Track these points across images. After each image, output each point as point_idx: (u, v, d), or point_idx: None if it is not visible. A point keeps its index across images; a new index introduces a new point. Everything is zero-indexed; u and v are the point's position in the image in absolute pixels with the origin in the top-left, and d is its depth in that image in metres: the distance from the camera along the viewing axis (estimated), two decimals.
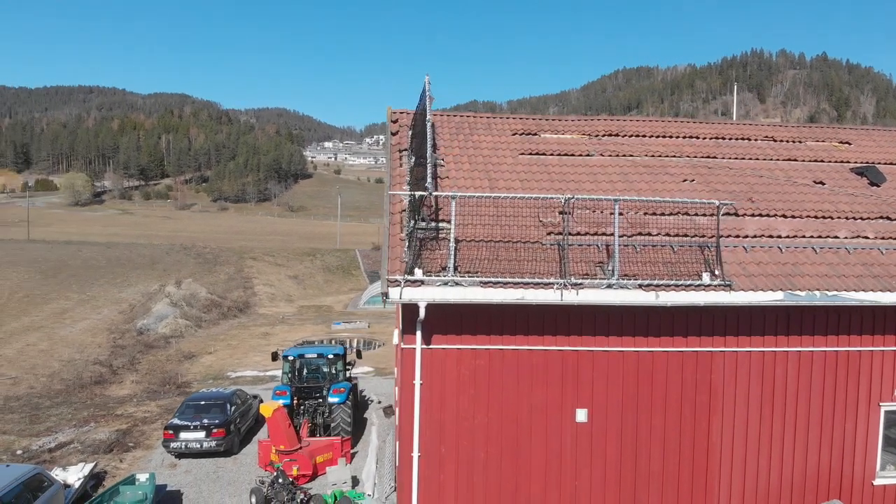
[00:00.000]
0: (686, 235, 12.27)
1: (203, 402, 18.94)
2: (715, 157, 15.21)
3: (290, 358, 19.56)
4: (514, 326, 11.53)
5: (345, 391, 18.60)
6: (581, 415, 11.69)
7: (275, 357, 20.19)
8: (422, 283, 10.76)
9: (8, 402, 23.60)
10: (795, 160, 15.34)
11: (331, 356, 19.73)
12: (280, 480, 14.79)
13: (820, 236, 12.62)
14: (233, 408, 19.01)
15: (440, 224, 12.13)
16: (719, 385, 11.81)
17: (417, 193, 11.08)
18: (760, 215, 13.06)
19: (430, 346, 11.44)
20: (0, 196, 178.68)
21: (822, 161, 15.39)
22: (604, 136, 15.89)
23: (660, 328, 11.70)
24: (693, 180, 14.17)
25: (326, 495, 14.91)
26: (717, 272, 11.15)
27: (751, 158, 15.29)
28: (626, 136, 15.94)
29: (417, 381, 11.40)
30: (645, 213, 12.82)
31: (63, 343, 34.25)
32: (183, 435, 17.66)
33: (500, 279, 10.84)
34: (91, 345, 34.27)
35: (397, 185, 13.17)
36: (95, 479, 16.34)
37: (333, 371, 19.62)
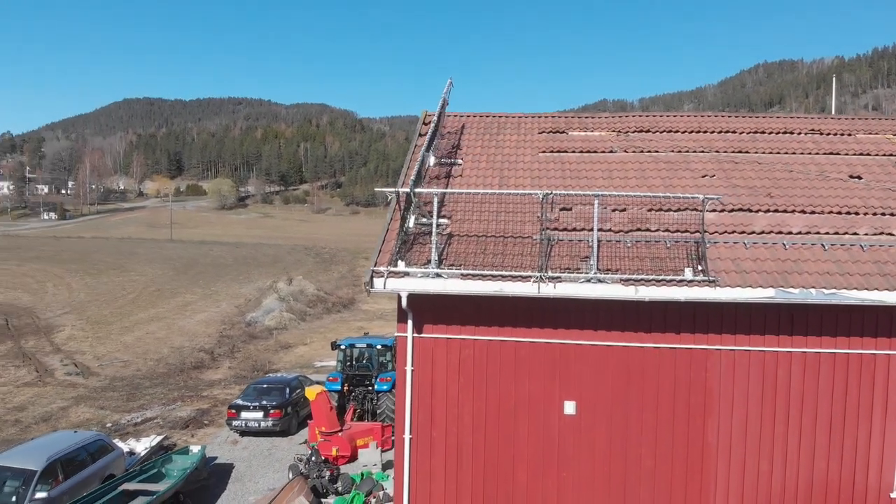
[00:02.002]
0: (687, 231, 12.13)
1: (265, 386, 20.56)
2: (747, 152, 14.76)
3: (343, 347, 20.84)
4: (501, 318, 11.89)
5: (391, 380, 19.52)
6: (569, 407, 11.86)
7: (333, 346, 21.53)
8: (406, 274, 11.41)
9: (113, 381, 26.58)
10: (837, 154, 14.55)
11: (380, 347, 20.79)
12: (313, 458, 15.94)
13: (837, 233, 12.03)
14: (293, 392, 20.47)
15: (441, 220, 12.77)
16: (715, 384, 11.57)
17: (401, 190, 11.73)
18: (775, 211, 12.62)
19: (422, 335, 12.06)
20: (154, 200, 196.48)
21: (867, 154, 14.48)
22: (634, 132, 15.82)
23: (651, 324, 11.64)
24: (714, 176, 13.87)
25: (355, 475, 15.89)
26: (699, 267, 10.99)
27: (787, 152, 14.69)
28: (657, 132, 15.78)
29: (409, 367, 12.05)
30: (649, 210, 12.77)
31: (178, 332, 37.75)
32: (244, 414, 19.30)
33: (478, 272, 11.28)
34: (202, 334, 37.52)
35: (409, 184, 13.86)
36: (164, 449, 18.25)
37: (383, 361, 20.65)
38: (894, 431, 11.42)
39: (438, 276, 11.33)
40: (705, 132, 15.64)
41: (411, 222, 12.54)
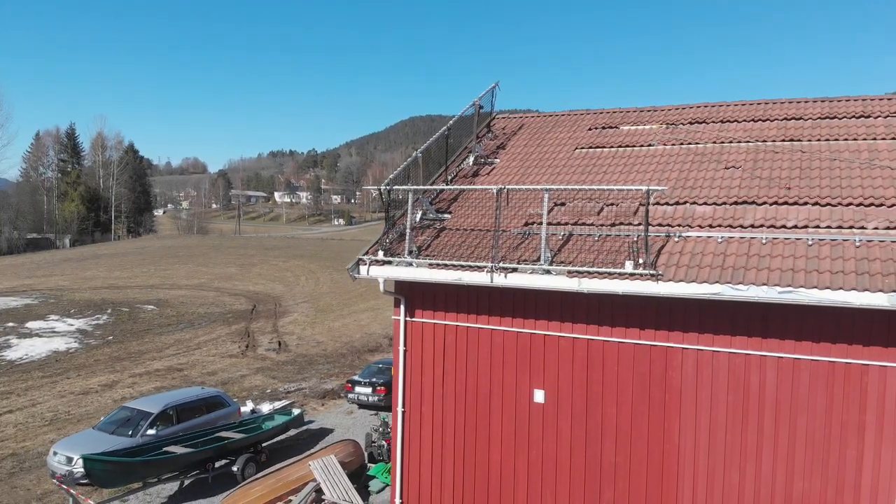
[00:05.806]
0: (669, 225, 11.79)
1: (380, 366, 22.98)
2: (799, 140, 13.50)
3: None
4: (478, 307, 12.69)
5: None
6: (539, 396, 12.24)
7: None
8: (386, 263, 12.80)
9: (297, 358, 31.08)
10: None
11: None
12: (381, 429, 17.85)
13: (840, 227, 10.75)
14: None
15: (443, 215, 13.90)
16: (679, 384, 11.14)
17: (381, 188, 13.08)
18: (784, 203, 11.62)
19: (413, 319, 13.32)
20: None
21: None
22: (688, 123, 15.22)
23: (613, 318, 11.58)
24: (739, 167, 12.99)
25: None
26: (640, 261, 10.72)
27: (846, 139, 13.14)
28: (712, 122, 15.01)
29: (401, 347, 13.40)
30: (641, 204, 12.50)
31: (380, 322, 42.11)
32: (357, 389, 21.94)
33: (442, 261, 12.25)
34: None
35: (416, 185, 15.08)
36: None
37: None
38: (891, 454, 9.95)
39: (410, 265, 12.53)
40: (765, 120, 14.50)
41: (418, 217, 13.87)
